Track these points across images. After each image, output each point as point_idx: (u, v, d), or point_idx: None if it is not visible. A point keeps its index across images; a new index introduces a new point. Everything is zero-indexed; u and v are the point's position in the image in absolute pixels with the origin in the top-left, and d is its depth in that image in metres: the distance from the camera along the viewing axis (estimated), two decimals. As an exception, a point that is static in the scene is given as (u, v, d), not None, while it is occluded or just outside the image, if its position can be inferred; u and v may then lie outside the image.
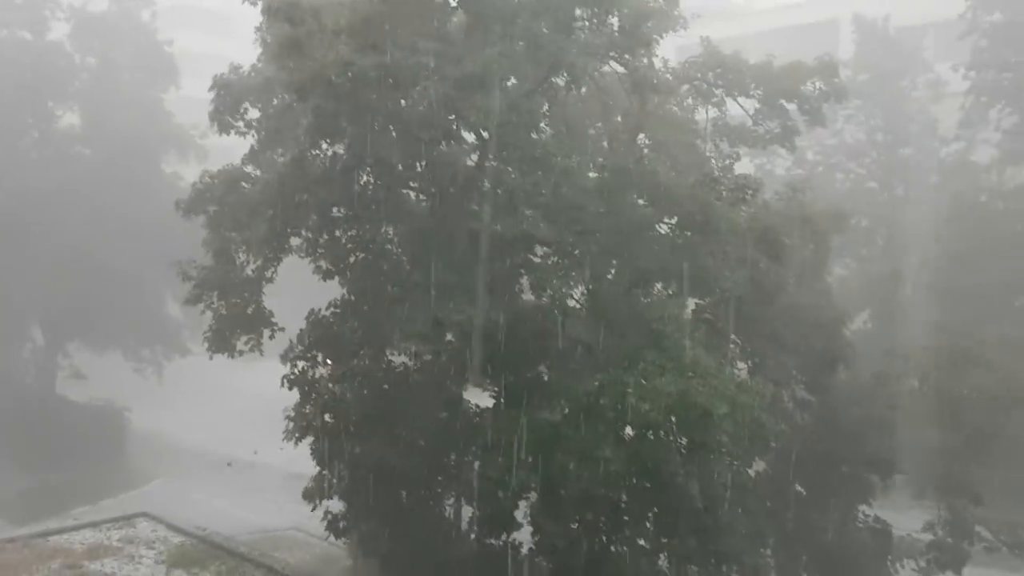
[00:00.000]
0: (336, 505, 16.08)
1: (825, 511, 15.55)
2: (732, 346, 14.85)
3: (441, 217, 14.92)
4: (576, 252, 14.12)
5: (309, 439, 15.85)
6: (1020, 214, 28.14)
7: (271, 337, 17.10)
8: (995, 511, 16.81)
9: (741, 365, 15.07)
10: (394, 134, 14.77)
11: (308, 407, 15.74)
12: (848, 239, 23.51)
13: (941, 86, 28.87)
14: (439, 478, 15.77)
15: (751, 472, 14.94)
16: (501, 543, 14.02)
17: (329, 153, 15.50)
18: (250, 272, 17.09)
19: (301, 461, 16.58)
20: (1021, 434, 17.80)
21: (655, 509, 12.68)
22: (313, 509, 15.83)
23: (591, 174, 14.89)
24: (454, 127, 14.92)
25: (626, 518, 13.11)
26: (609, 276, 14.83)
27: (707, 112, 17.39)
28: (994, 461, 16.85)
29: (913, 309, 30.22)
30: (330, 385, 15.72)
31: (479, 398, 14.77)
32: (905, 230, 29.35)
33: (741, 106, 17.42)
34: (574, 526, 13.35)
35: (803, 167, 28.41)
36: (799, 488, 16.10)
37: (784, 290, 14.75)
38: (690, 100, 17.48)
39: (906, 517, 17.02)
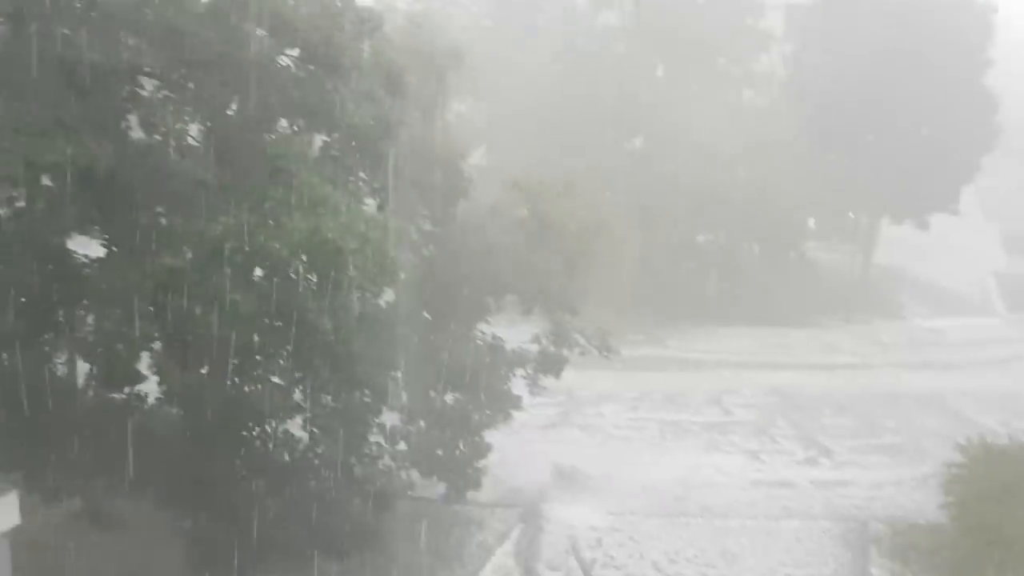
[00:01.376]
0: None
1: (448, 332, 16.90)
2: (360, 183, 15.08)
3: (26, 43, 12.87)
4: (191, 86, 13.16)
5: None
6: (609, 52, 31.19)
7: None
8: (587, 320, 19.50)
9: (369, 201, 15.41)
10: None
11: None
12: (466, 76, 24.41)
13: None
14: (46, 336, 14.40)
15: (381, 303, 15.65)
16: (124, 396, 13.40)
17: None
18: None
19: None
20: (606, 253, 20.54)
21: (288, 347, 12.86)
22: None
23: (203, -1, 13.71)
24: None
25: (259, 358, 13.16)
26: (229, 112, 14.06)
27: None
28: (586, 277, 19.38)
29: (522, 144, 32.83)
30: None
31: (89, 247, 13.53)
32: (517, 68, 31.25)
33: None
34: (204, 371, 13.15)
35: (423, 1, 28.67)
36: (426, 314, 17.22)
37: (407, 126, 15.11)
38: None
39: (516, 331, 19.08)
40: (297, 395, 13.63)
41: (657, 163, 33.90)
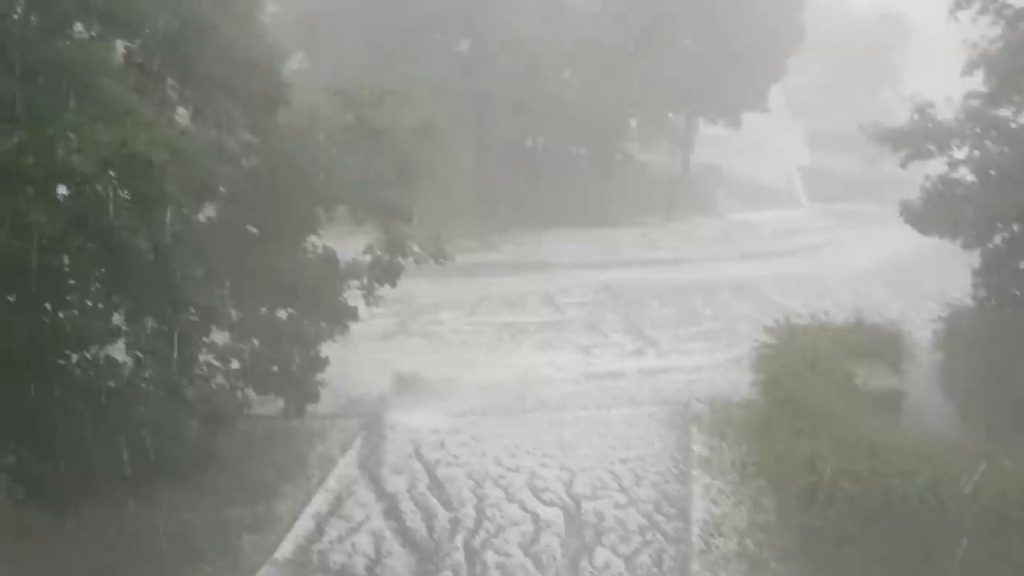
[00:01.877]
0: None
1: (278, 247, 16.47)
2: (170, 92, 14.22)
3: None
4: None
5: None
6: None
7: None
8: (421, 228, 19.49)
9: (181, 111, 14.59)
10: None
11: None
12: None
13: None
14: None
15: (202, 218, 15.04)
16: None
17: None
18: None
19: None
20: (436, 160, 20.46)
21: (102, 269, 12.17)
22: None
23: None
24: None
25: (72, 282, 12.41)
26: (15, 16, 12.76)
27: None
28: (418, 185, 19.28)
29: (345, 49, 31.70)
30: None
31: None
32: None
33: None
34: (11, 299, 12.27)
35: None
36: (251, 229, 16.68)
37: (219, 30, 14.26)
38: None
39: (349, 243, 18.86)
40: (118, 319, 13.02)
41: (484, 67, 33.71)
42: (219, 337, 16.18)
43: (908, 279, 29.96)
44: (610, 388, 21.87)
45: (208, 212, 15.84)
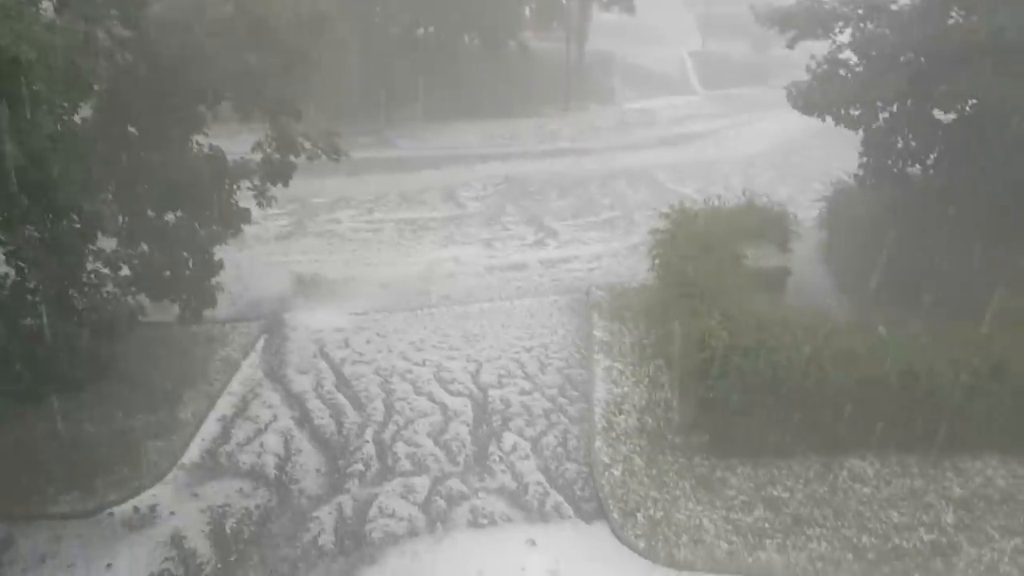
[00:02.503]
0: None
1: (162, 147, 15.75)
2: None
3: None
4: None
5: None
6: None
7: None
8: (313, 125, 18.92)
9: (46, 3, 13.55)
10: None
11: None
12: None
13: None
14: None
15: (77, 119, 14.21)
16: None
17: None
18: None
19: None
20: (325, 53, 19.69)
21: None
22: None
23: None
24: None
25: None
26: None
27: None
28: (307, 79, 18.59)
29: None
30: None
31: None
32: None
33: None
34: None
35: None
36: (132, 129, 15.87)
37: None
38: None
39: (237, 142, 18.18)
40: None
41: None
42: (106, 244, 15.56)
43: (796, 161, 30.95)
44: (513, 280, 22.14)
45: (85, 112, 14.95)
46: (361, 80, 33.90)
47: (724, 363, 13.86)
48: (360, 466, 14.92)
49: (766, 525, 13.25)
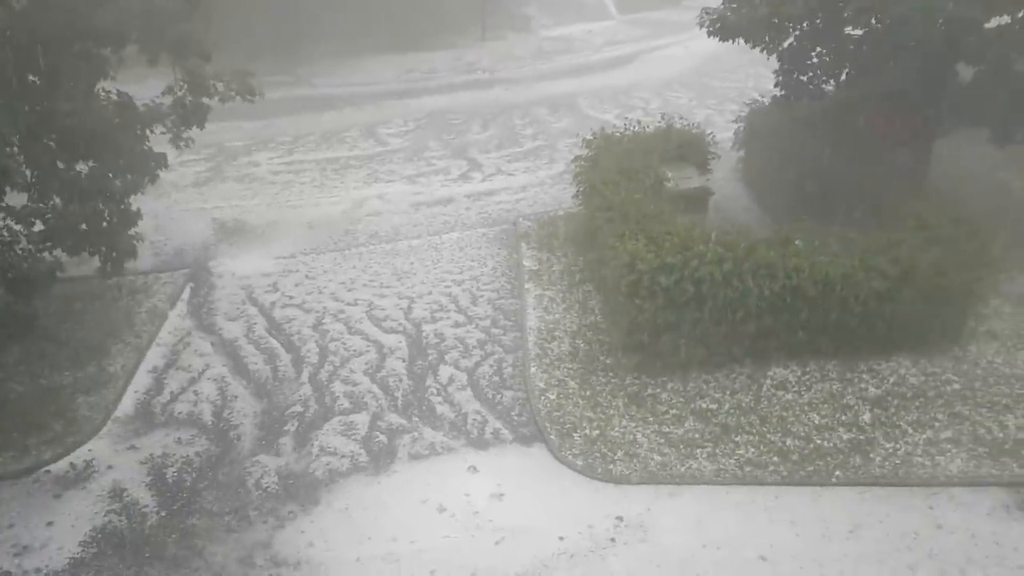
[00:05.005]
0: None
1: (66, 95, 15.12)
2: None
3: None
4: None
5: None
6: None
7: None
8: (224, 65, 18.32)
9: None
10: None
11: None
12: None
13: None
14: None
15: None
16: None
17: None
18: None
19: None
20: None
21: None
22: None
23: None
24: None
25: None
26: None
27: None
28: (214, 18, 17.97)
29: None
30: None
31: None
32: None
33: None
34: None
35: None
36: (32, 78, 15.19)
37: None
38: None
39: (146, 86, 17.58)
40: None
41: None
42: (16, 200, 15.04)
43: (712, 84, 31.29)
44: (440, 214, 22.11)
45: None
46: (273, 18, 32.81)
47: (651, 283, 14.23)
48: (298, 407, 14.98)
49: (696, 436, 13.83)
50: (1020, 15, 16.13)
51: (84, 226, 15.97)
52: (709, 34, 17.72)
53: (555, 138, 26.78)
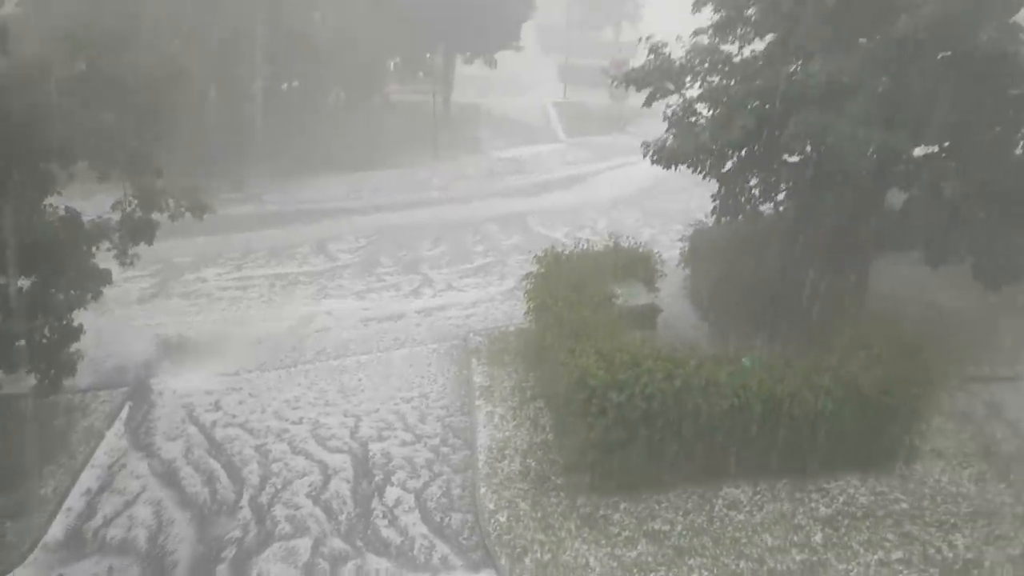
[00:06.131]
0: None
1: (9, 211, 14.94)
2: None
3: None
4: None
5: None
6: None
7: None
8: (175, 181, 18.40)
9: None
10: None
11: None
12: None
13: None
14: None
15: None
16: None
17: None
18: None
19: None
20: (187, 109, 19.31)
21: None
22: None
23: None
24: None
25: None
26: None
27: None
28: (167, 135, 18.13)
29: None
30: None
31: None
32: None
33: None
34: None
35: None
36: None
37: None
38: None
39: (93, 203, 17.49)
40: None
41: (228, 10, 31.86)
42: (-50, 315, 14.63)
43: (658, 205, 32.21)
44: (389, 330, 22.00)
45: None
46: (225, 135, 33.21)
47: (602, 400, 14.18)
48: (237, 532, 14.38)
49: (650, 559, 13.53)
50: (946, 144, 17.05)
51: (22, 342, 15.53)
52: (653, 162, 18.30)
53: (505, 255, 27.12)
